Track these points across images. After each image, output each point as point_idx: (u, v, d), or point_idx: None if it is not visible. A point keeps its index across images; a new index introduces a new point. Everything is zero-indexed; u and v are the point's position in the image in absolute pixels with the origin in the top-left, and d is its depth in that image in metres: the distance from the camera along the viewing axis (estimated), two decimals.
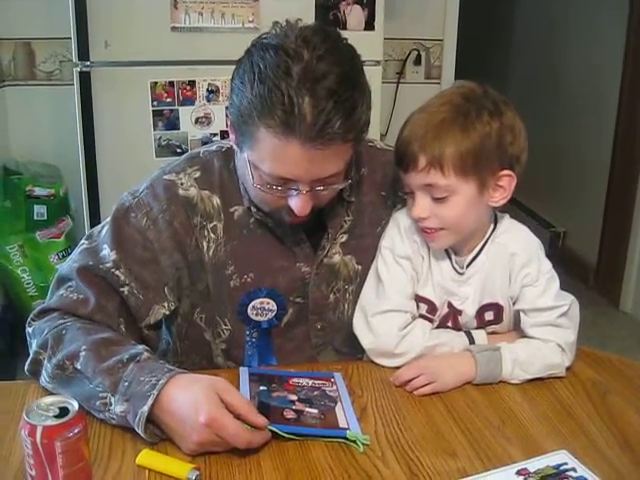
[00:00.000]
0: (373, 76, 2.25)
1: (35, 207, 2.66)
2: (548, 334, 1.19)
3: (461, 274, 1.20)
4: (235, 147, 1.16)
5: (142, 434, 0.97)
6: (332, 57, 1.05)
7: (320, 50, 1.04)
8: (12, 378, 2.21)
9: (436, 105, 1.15)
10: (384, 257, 1.22)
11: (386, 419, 1.07)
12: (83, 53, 2.13)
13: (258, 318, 1.23)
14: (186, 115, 2.24)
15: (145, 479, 0.91)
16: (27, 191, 2.64)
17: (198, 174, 1.22)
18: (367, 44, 2.29)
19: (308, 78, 1.01)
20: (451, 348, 1.20)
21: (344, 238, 1.26)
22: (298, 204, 1.11)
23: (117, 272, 1.16)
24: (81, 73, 2.14)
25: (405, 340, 1.19)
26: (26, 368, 1.12)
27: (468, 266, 1.20)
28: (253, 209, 1.21)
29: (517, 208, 4.61)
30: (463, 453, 1.00)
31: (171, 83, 2.22)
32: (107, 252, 1.17)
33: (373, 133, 1.16)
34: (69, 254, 2.69)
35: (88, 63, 2.15)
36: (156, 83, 2.21)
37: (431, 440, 1.03)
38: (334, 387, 1.14)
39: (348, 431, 1.01)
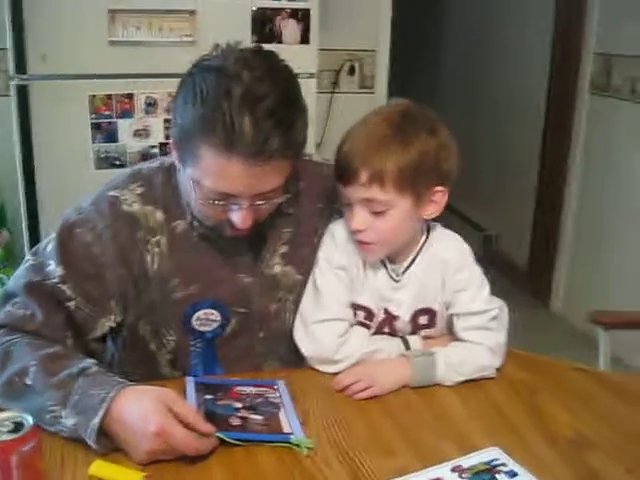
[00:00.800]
0: (308, 88, 2.37)
1: None
2: (479, 337, 1.26)
3: (397, 281, 1.27)
4: (177, 164, 1.19)
5: (94, 446, 0.99)
6: (271, 78, 1.10)
7: (259, 71, 1.09)
8: None
9: (376, 122, 1.21)
10: (321, 267, 1.28)
11: (328, 422, 1.12)
12: (20, 66, 2.13)
13: (203, 328, 1.27)
14: (125, 128, 2.26)
15: None
16: None
17: (141, 190, 1.25)
18: (302, 57, 2.37)
19: (248, 99, 1.06)
20: (388, 353, 1.26)
21: (284, 249, 1.31)
22: (239, 218, 1.15)
23: (63, 287, 1.18)
24: (18, 86, 2.14)
25: (343, 347, 1.24)
26: None
27: (403, 273, 1.27)
28: (195, 223, 1.24)
29: (449, 212, 4.73)
30: (401, 452, 1.06)
31: (109, 96, 2.23)
32: (53, 267, 1.19)
33: (309, 143, 1.21)
34: (6, 266, 2.67)
35: (26, 76, 2.14)
36: (94, 96, 2.22)
37: (371, 441, 1.08)
38: (277, 394, 1.18)
39: (292, 436, 1.05)
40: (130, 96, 2.24)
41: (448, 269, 1.26)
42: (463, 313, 1.27)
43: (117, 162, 2.28)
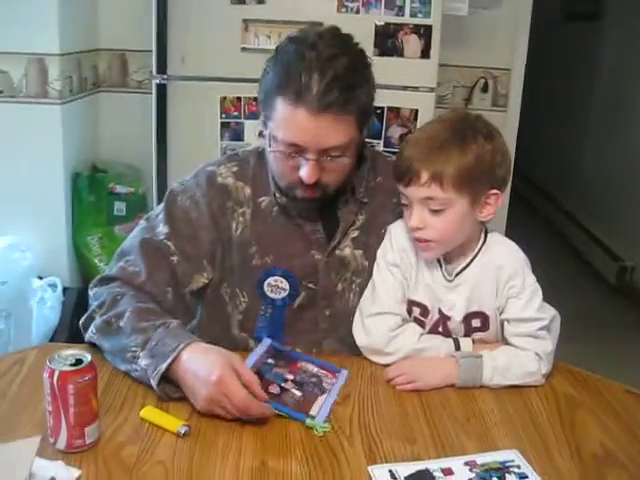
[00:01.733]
0: (426, 101, 2.44)
1: (116, 203, 2.91)
2: (527, 344, 1.30)
3: (450, 281, 1.33)
4: (262, 127, 1.37)
5: (156, 388, 1.16)
6: (342, 49, 1.29)
7: (332, 43, 1.29)
8: None
9: (436, 127, 1.31)
10: (378, 265, 1.38)
11: (363, 406, 1.21)
12: (161, 67, 2.37)
13: (272, 295, 1.42)
14: (250, 128, 2.45)
15: (144, 430, 1.10)
16: (110, 188, 2.88)
17: (236, 168, 1.44)
18: (422, 72, 2.45)
19: (318, 61, 1.25)
20: (437, 352, 1.33)
21: (355, 234, 1.43)
22: (306, 171, 1.30)
23: (168, 243, 1.38)
24: (159, 85, 2.39)
25: (394, 340, 1.33)
26: (81, 322, 1.34)
27: (457, 275, 1.33)
28: (278, 198, 1.40)
29: (588, 238, 4.62)
30: (422, 441, 1.12)
31: (239, 98, 2.43)
32: (161, 228, 1.40)
33: None
34: None
35: (165, 76, 2.39)
36: (225, 98, 2.42)
37: (397, 427, 1.16)
38: (334, 381, 1.28)
39: (308, 419, 1.14)
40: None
41: (502, 275, 1.31)
42: (513, 319, 1.31)
43: None
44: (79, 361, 1.01)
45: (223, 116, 2.45)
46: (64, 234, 2.82)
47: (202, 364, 1.15)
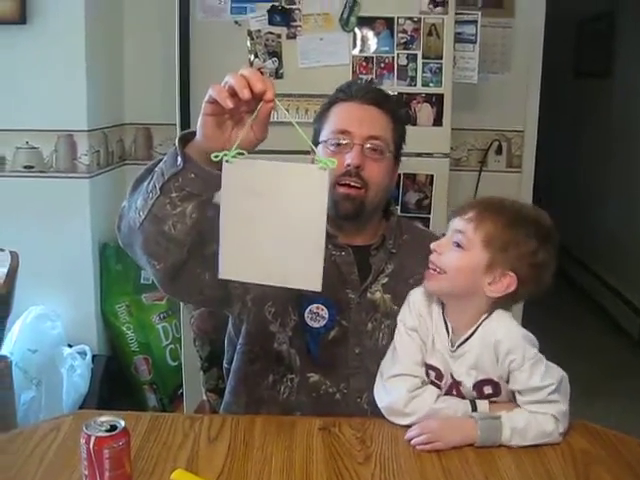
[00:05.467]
0: (441, 166, 2.53)
1: (142, 272, 2.98)
2: (542, 408, 1.34)
3: (453, 352, 1.39)
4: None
5: (177, 140, 1.25)
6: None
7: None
8: None
9: (504, 201, 1.42)
10: (398, 329, 1.44)
11: (385, 465, 1.25)
12: None
13: (311, 323, 1.51)
14: None
15: None
16: None
17: None
18: (436, 138, 2.54)
19: (358, 83, 1.66)
20: (455, 412, 1.37)
21: (385, 280, 1.56)
22: (353, 154, 1.49)
23: None
24: None
25: (414, 401, 1.37)
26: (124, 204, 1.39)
27: (460, 346, 1.38)
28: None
29: (607, 291, 4.63)
30: None
31: None
32: None
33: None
34: (169, 315, 3.01)
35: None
36: None
37: None
38: None
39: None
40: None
41: (501, 349, 1.35)
42: (523, 390, 1.35)
43: None
44: (113, 427, 1.07)
45: None
46: (93, 303, 2.91)
47: None
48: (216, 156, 1.17)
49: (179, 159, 1.24)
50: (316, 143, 1.53)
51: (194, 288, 1.43)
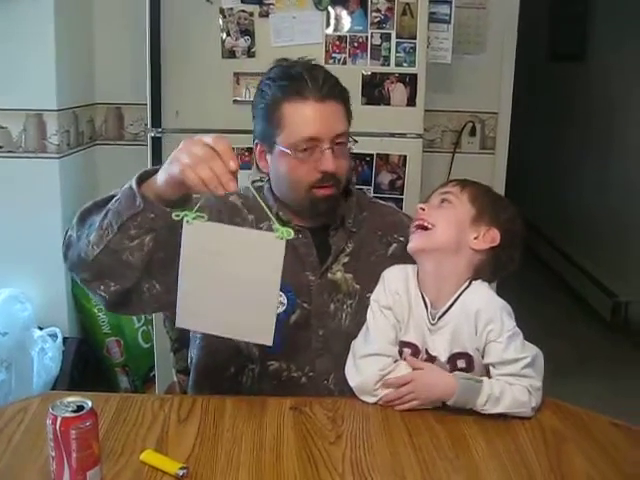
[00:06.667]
0: (414, 147, 2.52)
1: None
2: (516, 382, 1.35)
3: (433, 324, 1.39)
4: (265, 160, 1.53)
5: (134, 180, 1.29)
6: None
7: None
8: None
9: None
10: (371, 307, 1.44)
11: (355, 444, 1.25)
12: (156, 120, 2.45)
13: None
14: (243, 177, 2.50)
15: (144, 473, 1.14)
16: None
17: (240, 200, 1.57)
18: (409, 119, 2.53)
19: (305, 67, 1.48)
20: None
21: (345, 260, 1.54)
22: (327, 160, 1.44)
23: None
24: (154, 138, 2.46)
25: (385, 379, 1.37)
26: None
27: (440, 318, 1.39)
28: (281, 214, 1.51)
29: (580, 272, 4.67)
30: (412, 478, 1.16)
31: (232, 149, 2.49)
32: None
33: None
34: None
35: (160, 129, 2.46)
36: None
37: (388, 465, 1.20)
38: None
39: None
40: (250, 150, 2.49)
41: (480, 319, 1.36)
42: (497, 362, 1.36)
43: None
44: (80, 407, 1.06)
45: None
46: (63, 285, 2.87)
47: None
48: (177, 215, 1.22)
49: (138, 200, 1.27)
50: (269, 143, 1.49)
51: (148, 300, 1.42)
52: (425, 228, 1.40)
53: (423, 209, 1.41)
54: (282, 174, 1.49)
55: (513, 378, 1.35)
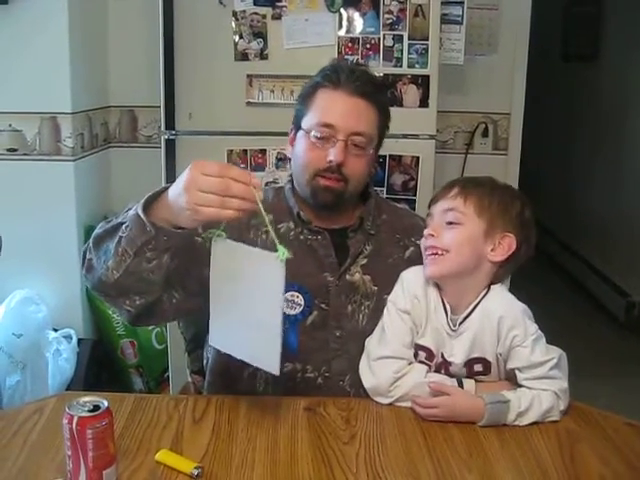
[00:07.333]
0: (427, 148, 2.52)
1: None
2: (544, 385, 1.34)
3: (454, 331, 1.39)
4: (290, 147, 1.57)
5: (140, 207, 1.25)
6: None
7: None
8: None
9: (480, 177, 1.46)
10: (388, 309, 1.44)
11: (370, 444, 1.26)
12: (170, 122, 2.47)
13: (287, 310, 1.47)
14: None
15: (160, 472, 1.15)
16: None
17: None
18: (422, 119, 2.53)
19: (348, 66, 1.58)
20: None
21: (364, 261, 1.55)
22: (335, 151, 1.46)
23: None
24: (167, 140, 2.48)
25: (398, 382, 1.37)
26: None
27: (461, 324, 1.38)
28: (296, 226, 1.54)
29: (591, 272, 4.65)
30: (426, 477, 1.17)
31: (245, 151, 2.50)
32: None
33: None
34: None
35: (174, 132, 2.48)
36: (232, 151, 2.50)
37: (402, 464, 1.20)
38: None
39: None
40: (263, 151, 2.51)
41: (503, 326, 1.35)
42: (524, 366, 1.35)
43: None
44: (96, 407, 1.07)
45: None
46: (78, 286, 2.89)
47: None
48: (203, 237, 1.30)
49: (148, 227, 1.26)
50: (298, 125, 1.53)
51: (169, 309, 1.44)
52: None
53: (432, 235, 1.38)
54: (297, 154, 1.53)
55: (540, 381, 1.35)
